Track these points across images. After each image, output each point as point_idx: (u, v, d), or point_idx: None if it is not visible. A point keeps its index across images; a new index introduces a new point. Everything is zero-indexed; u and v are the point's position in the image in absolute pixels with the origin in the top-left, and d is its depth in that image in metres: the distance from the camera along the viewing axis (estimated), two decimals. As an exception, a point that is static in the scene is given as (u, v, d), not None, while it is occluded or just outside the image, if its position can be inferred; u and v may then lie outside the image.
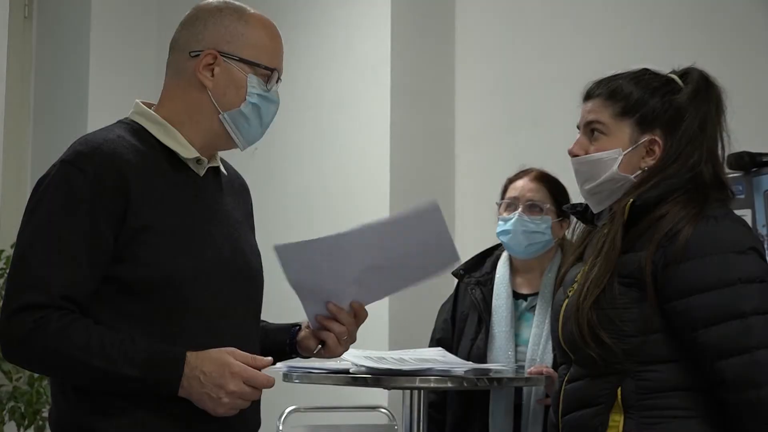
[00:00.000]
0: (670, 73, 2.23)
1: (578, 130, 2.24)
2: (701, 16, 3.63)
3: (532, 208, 3.16)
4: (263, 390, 1.97)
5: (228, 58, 2.04)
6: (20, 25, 5.22)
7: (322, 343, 2.12)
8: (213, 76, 2.04)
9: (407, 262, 2.09)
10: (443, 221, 2.07)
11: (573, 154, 2.21)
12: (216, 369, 1.90)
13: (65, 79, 5.15)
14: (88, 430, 1.93)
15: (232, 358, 1.92)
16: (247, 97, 2.05)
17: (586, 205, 2.27)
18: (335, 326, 2.10)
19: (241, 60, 2.05)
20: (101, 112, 4.59)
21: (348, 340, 2.13)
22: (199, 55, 2.04)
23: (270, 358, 1.96)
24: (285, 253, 2.02)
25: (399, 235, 2.06)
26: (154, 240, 1.95)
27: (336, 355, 2.15)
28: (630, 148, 2.17)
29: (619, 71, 2.22)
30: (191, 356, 1.90)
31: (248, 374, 1.91)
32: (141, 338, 1.91)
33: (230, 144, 2.10)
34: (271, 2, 4.54)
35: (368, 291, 2.11)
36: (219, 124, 2.06)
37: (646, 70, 2.22)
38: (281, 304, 3.00)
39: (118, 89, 4.82)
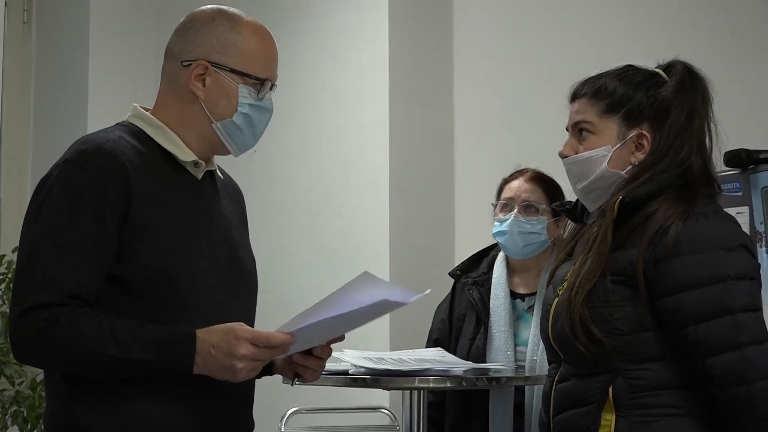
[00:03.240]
0: (655, 67, 2.23)
1: (567, 132, 2.24)
2: (700, 14, 3.64)
3: (527, 208, 3.16)
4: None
5: (219, 68, 2.06)
6: (19, 30, 5.24)
7: (298, 375, 2.10)
8: (204, 86, 2.06)
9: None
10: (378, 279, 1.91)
11: (563, 156, 2.22)
12: (222, 338, 1.90)
13: (65, 84, 5.16)
14: (83, 429, 1.94)
15: (237, 326, 1.92)
16: (238, 107, 2.06)
17: (575, 202, 2.27)
18: (312, 362, 2.07)
19: (233, 70, 2.06)
20: (101, 117, 4.59)
21: (322, 369, 2.11)
22: (191, 64, 2.06)
23: (287, 335, 1.90)
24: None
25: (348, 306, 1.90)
26: (152, 240, 1.96)
27: (314, 380, 2.12)
28: (618, 145, 2.17)
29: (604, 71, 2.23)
30: (201, 332, 1.91)
31: (254, 334, 1.91)
32: (149, 323, 1.92)
33: (225, 150, 2.12)
34: (270, 5, 4.57)
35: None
36: (212, 132, 2.08)
37: (629, 66, 2.23)
38: (278, 306, 3.01)
39: (118, 93, 4.83)
